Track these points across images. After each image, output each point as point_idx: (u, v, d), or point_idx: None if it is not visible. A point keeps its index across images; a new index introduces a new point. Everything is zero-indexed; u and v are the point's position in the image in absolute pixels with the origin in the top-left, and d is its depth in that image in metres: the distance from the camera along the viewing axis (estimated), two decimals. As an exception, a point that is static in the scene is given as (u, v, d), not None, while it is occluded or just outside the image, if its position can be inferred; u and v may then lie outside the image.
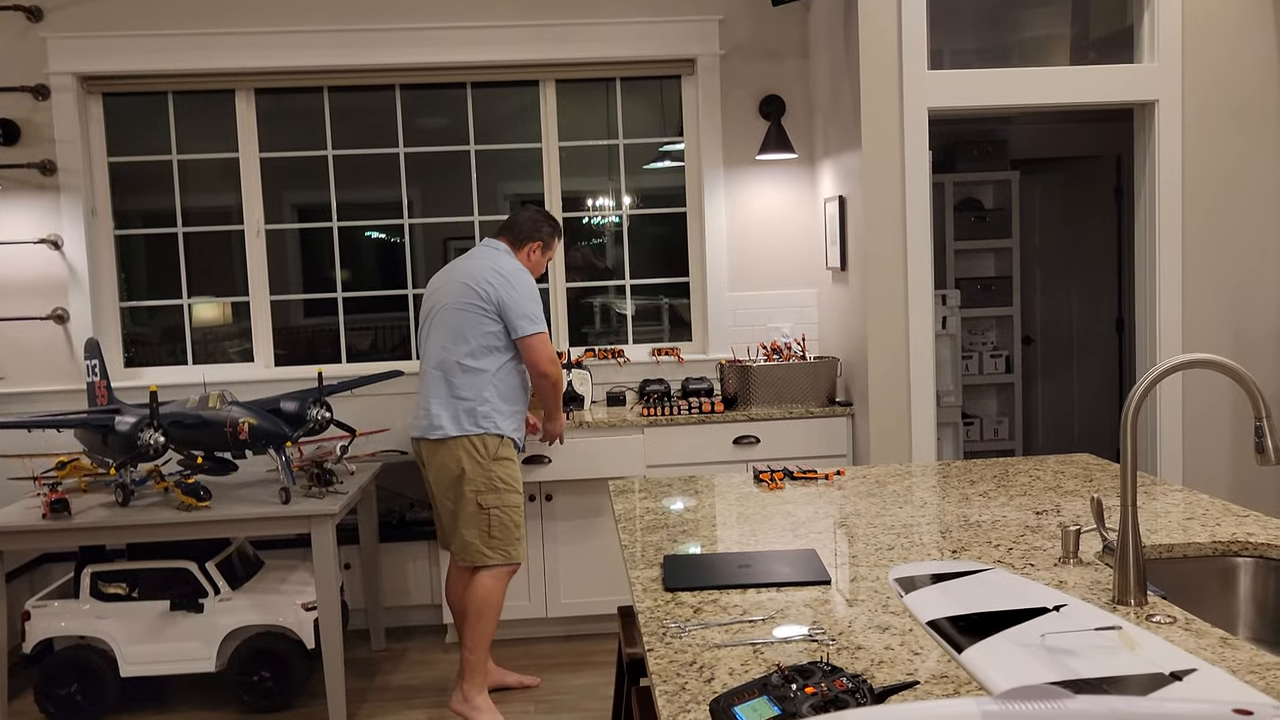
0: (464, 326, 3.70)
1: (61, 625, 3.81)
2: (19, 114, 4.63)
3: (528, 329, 3.68)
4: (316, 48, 4.69)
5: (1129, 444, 1.75)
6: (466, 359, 3.69)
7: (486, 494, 3.70)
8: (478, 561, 3.71)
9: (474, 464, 3.68)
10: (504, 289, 3.69)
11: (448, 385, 3.71)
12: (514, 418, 3.79)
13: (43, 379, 4.69)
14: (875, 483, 2.87)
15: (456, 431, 3.68)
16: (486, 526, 3.70)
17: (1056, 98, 4.23)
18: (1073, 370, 6.64)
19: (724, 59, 4.85)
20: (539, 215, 3.95)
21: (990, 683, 1.34)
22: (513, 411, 3.78)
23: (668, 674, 1.61)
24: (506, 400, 3.75)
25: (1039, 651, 1.36)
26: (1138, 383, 1.75)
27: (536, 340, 3.70)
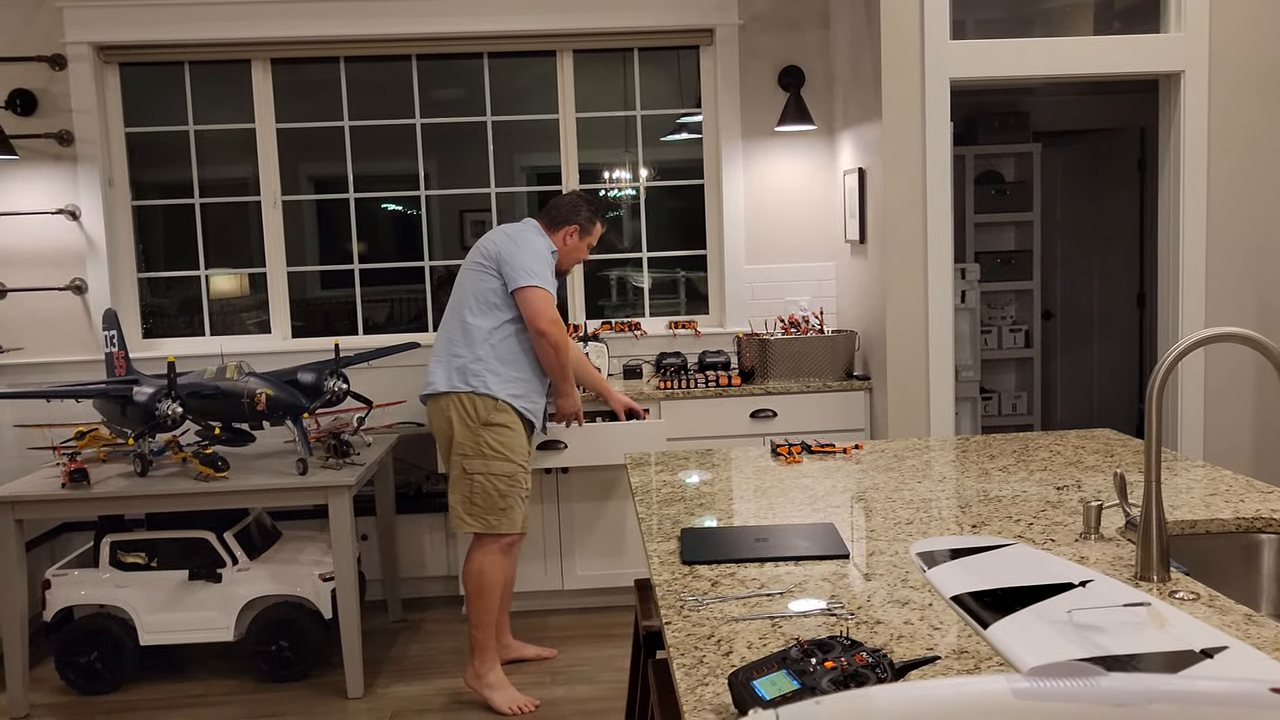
0: (467, 285, 3.66)
1: (81, 594, 3.84)
2: (36, 84, 4.62)
3: (523, 280, 3.53)
4: (333, 17, 4.66)
5: (1154, 418, 1.72)
6: (465, 315, 3.63)
7: (472, 459, 3.59)
8: (456, 528, 3.68)
9: (462, 426, 3.59)
10: (505, 245, 3.60)
11: (447, 343, 3.67)
12: (513, 383, 3.62)
13: (61, 349, 4.71)
14: (894, 457, 2.85)
15: (446, 387, 3.61)
16: (469, 493, 3.61)
17: (1080, 68, 4.17)
18: (1093, 345, 6.59)
19: (743, 29, 4.80)
20: (579, 198, 3.81)
21: (1017, 659, 1.32)
22: (513, 377, 3.62)
23: (685, 647, 1.60)
24: (505, 363, 3.61)
25: (1066, 628, 1.34)
26: (1164, 356, 1.72)
27: (532, 294, 3.53)
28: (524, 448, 3.68)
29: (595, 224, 3.82)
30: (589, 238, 3.81)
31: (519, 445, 3.65)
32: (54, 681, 3.91)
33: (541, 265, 3.59)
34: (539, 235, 3.70)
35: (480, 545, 3.69)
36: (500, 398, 3.59)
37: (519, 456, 3.65)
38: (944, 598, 1.71)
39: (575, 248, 3.79)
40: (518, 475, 3.64)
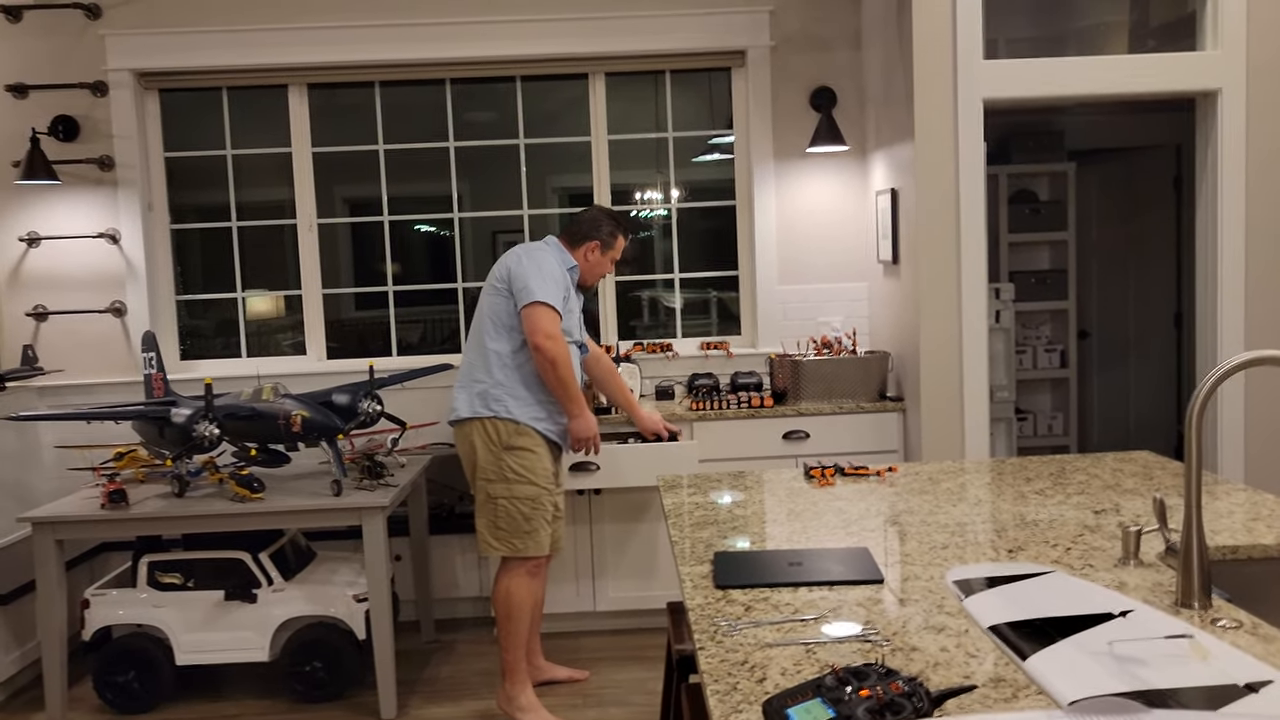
0: (485, 308, 3.67)
1: (119, 614, 3.88)
2: (78, 110, 4.71)
3: (525, 298, 3.51)
4: (368, 42, 4.71)
5: (1194, 441, 1.70)
6: (485, 340, 3.64)
7: (495, 483, 3.60)
8: (483, 552, 3.68)
9: (485, 450, 3.61)
10: (515, 264, 3.60)
11: (469, 368, 3.67)
12: (534, 406, 3.62)
13: (101, 371, 4.77)
14: (928, 480, 2.83)
15: (468, 413, 3.62)
16: (494, 517, 3.63)
17: (1115, 87, 4.14)
18: (1129, 366, 6.52)
19: (774, 50, 4.81)
20: (600, 214, 3.83)
21: (1056, 693, 1.30)
22: (534, 400, 3.61)
23: (719, 673, 1.60)
24: (526, 386, 3.61)
25: (1107, 660, 1.32)
26: (1204, 380, 1.70)
27: (532, 310, 3.50)
28: (548, 470, 3.67)
29: (617, 238, 3.82)
30: (611, 252, 3.81)
31: (542, 468, 3.64)
32: (92, 700, 3.95)
33: (549, 282, 3.55)
34: (556, 252, 3.71)
35: (507, 568, 3.69)
36: (521, 421, 3.60)
37: (542, 479, 3.64)
38: (981, 627, 1.69)
39: (598, 263, 3.79)
40: (541, 498, 3.64)
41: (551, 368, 3.51)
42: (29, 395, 4.68)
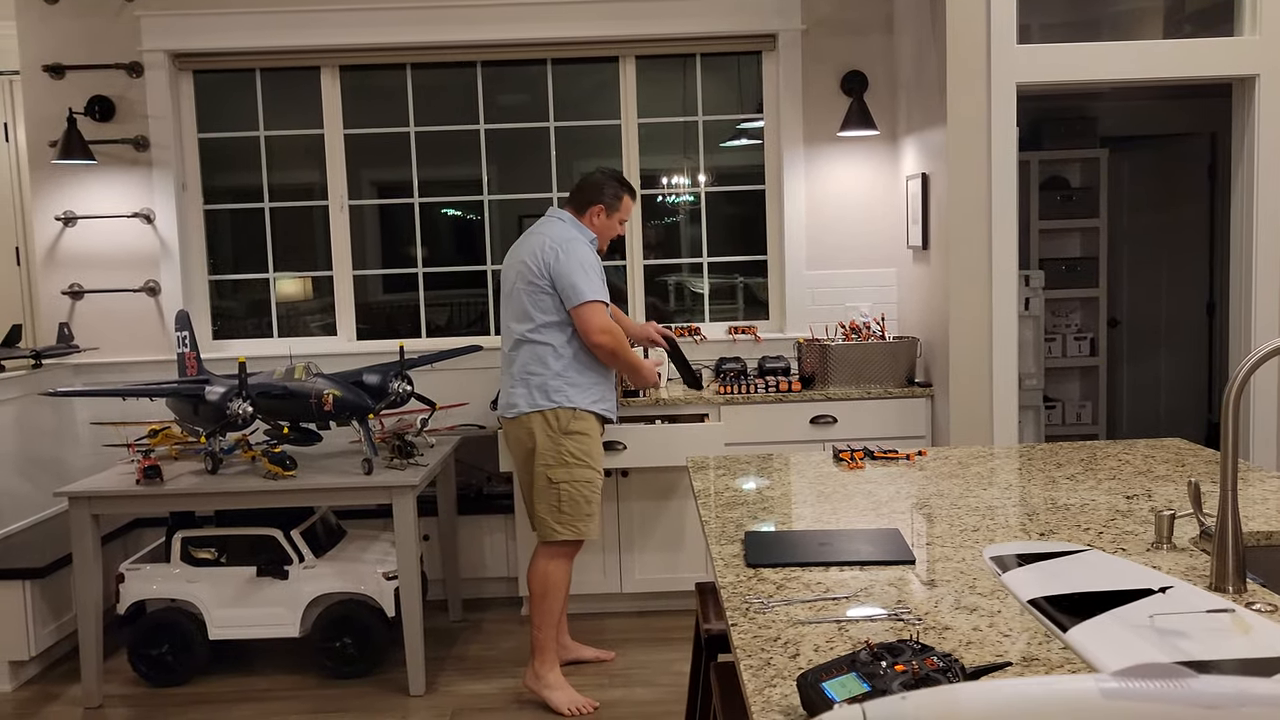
0: (526, 303, 3.66)
1: (153, 588, 3.94)
2: (114, 91, 4.76)
3: (574, 299, 3.58)
4: (400, 24, 4.73)
5: (1230, 425, 1.70)
6: (532, 335, 3.66)
7: (556, 468, 3.66)
8: (548, 537, 3.71)
9: (545, 437, 3.66)
10: (554, 261, 3.61)
11: (520, 363, 3.69)
12: (591, 389, 3.70)
13: (135, 349, 4.83)
14: (958, 464, 2.83)
15: (529, 408, 3.66)
16: (557, 501, 3.68)
17: (1151, 72, 4.11)
18: (1159, 354, 6.47)
19: (805, 34, 4.79)
20: (603, 177, 3.81)
21: (1099, 663, 1.31)
22: (589, 384, 3.70)
23: (752, 649, 1.61)
24: (581, 372, 3.68)
25: (1148, 632, 1.33)
26: (1241, 364, 1.70)
27: (585, 310, 3.58)
28: (601, 454, 3.78)
29: (622, 199, 3.80)
30: (618, 214, 3.80)
31: (597, 451, 3.75)
32: (126, 673, 4.01)
33: (592, 275, 3.62)
34: (578, 233, 3.70)
35: (548, 550, 3.74)
36: (580, 407, 3.67)
37: (598, 462, 3.74)
38: (1020, 601, 1.69)
39: (605, 226, 3.79)
40: (596, 481, 3.73)
41: (613, 357, 3.67)
42: (65, 372, 4.74)
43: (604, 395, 3.76)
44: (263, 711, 3.75)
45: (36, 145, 4.78)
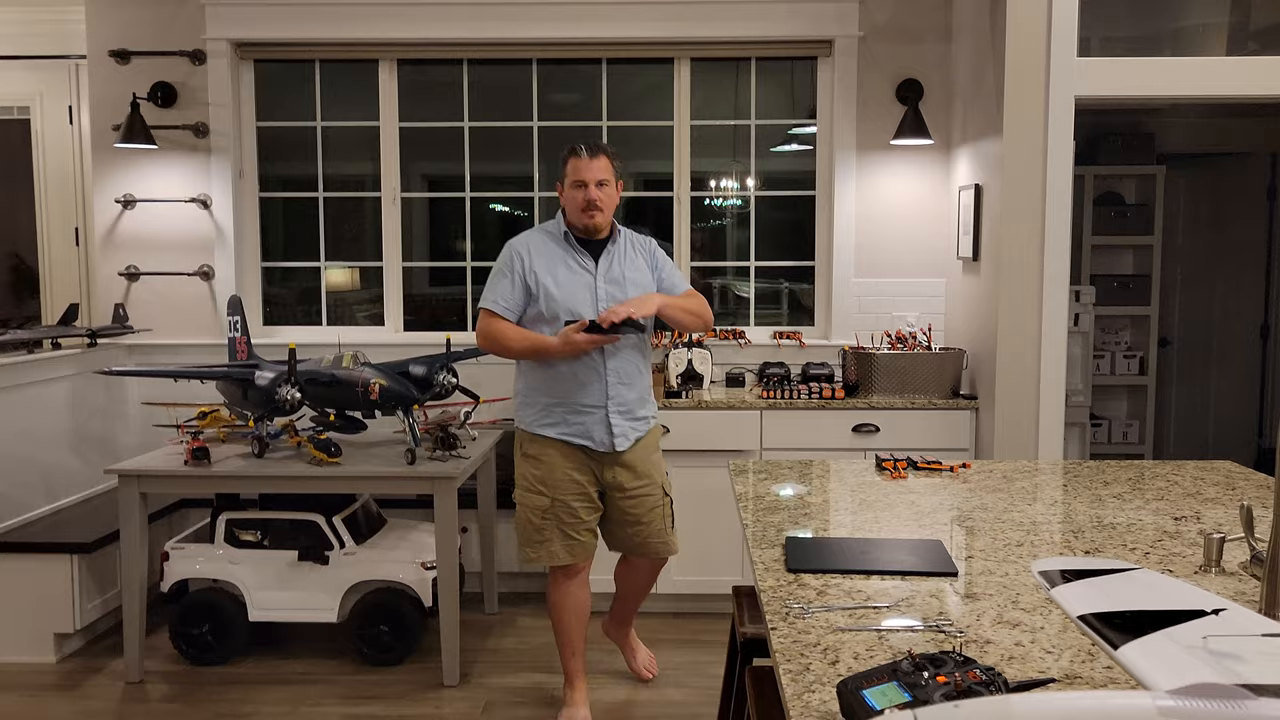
0: None
1: (196, 568, 4.00)
2: (176, 78, 4.84)
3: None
4: (459, 20, 4.77)
5: (1286, 451, 1.67)
6: None
7: (518, 489, 3.47)
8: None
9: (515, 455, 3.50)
10: None
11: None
12: (545, 412, 3.38)
13: (187, 332, 4.91)
14: (1002, 478, 2.81)
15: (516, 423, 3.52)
16: (516, 522, 3.51)
17: (1213, 90, 4.05)
18: (1210, 375, 6.37)
19: (862, 40, 4.77)
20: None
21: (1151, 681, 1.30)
22: (544, 405, 3.37)
23: (791, 653, 1.61)
24: (531, 390, 3.41)
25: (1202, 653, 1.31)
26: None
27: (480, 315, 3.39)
28: (564, 481, 3.39)
29: (567, 162, 3.37)
30: (568, 180, 3.36)
31: (555, 479, 3.38)
32: (167, 650, 4.08)
33: (497, 279, 3.36)
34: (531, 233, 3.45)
35: (550, 574, 3.58)
36: (530, 429, 3.41)
37: (556, 490, 3.39)
38: (1069, 615, 1.68)
39: (568, 201, 3.38)
40: (555, 509, 3.39)
41: (503, 350, 3.36)
42: (118, 352, 4.83)
43: (562, 417, 3.36)
44: (298, 695, 3.79)
45: (100, 129, 4.87)
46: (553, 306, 3.31)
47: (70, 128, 5.61)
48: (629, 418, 3.40)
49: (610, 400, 3.34)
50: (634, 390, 3.41)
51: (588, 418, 3.35)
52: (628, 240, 3.46)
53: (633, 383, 3.40)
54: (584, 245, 3.38)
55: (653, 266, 3.45)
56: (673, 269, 3.52)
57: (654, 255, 3.48)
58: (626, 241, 3.45)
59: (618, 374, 3.35)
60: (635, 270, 3.40)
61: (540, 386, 3.37)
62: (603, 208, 3.32)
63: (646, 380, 3.48)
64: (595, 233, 3.37)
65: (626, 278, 3.38)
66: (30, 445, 4.31)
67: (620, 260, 3.39)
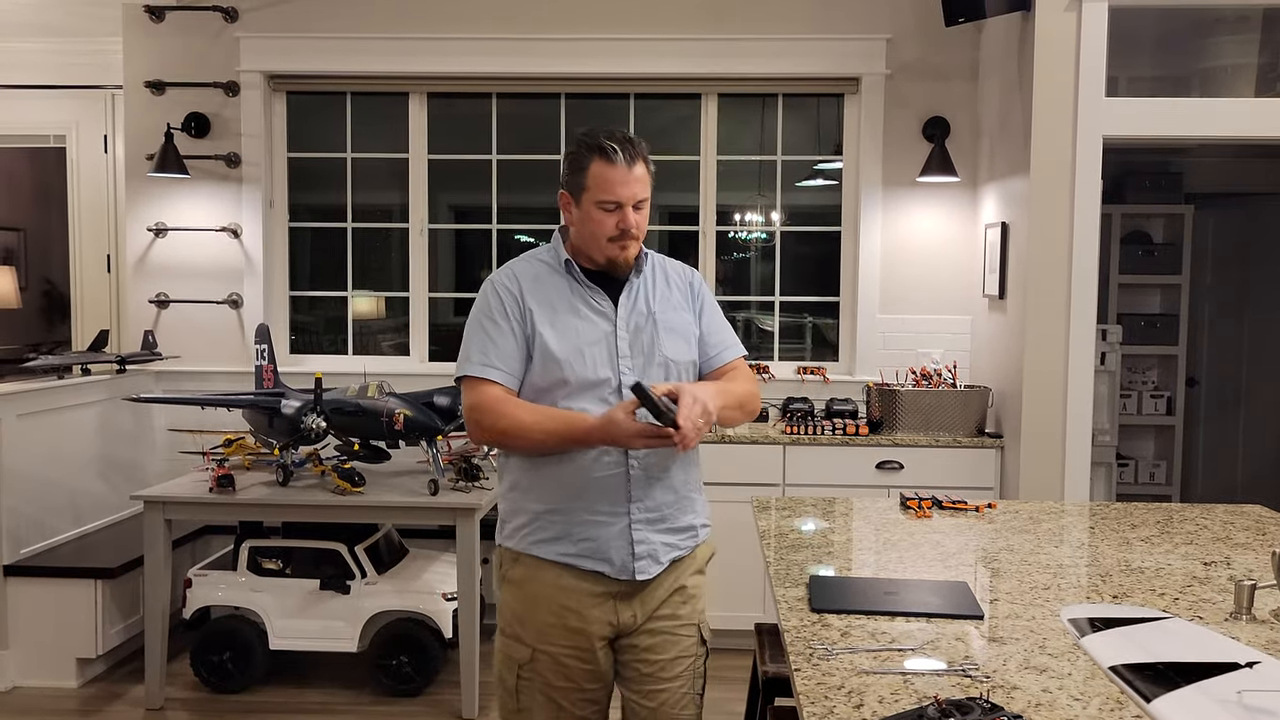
0: None
1: (219, 595, 4.01)
2: (210, 108, 4.91)
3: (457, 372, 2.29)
4: (489, 55, 4.82)
5: (1319, 499, 1.65)
6: None
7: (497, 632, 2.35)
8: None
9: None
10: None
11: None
12: (534, 521, 2.24)
13: (214, 359, 4.95)
14: (1029, 519, 2.79)
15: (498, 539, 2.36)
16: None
17: (1242, 130, 4.03)
18: (1239, 417, 6.30)
19: (889, 78, 4.79)
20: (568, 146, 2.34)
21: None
22: (535, 511, 2.24)
23: (815, 695, 1.60)
24: (517, 488, 2.29)
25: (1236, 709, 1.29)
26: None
27: (462, 387, 2.27)
28: (555, 628, 2.23)
29: (586, 168, 2.24)
30: (588, 193, 2.24)
31: (542, 621, 2.23)
32: (188, 677, 4.08)
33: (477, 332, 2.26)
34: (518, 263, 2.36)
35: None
36: (512, 546, 2.29)
37: (543, 638, 2.24)
38: (1101, 667, 1.66)
39: (581, 223, 2.28)
40: (538, 667, 2.24)
41: (512, 438, 2.20)
42: (146, 379, 4.87)
43: (564, 530, 2.22)
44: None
45: (134, 158, 4.94)
46: (551, 370, 2.21)
47: (105, 156, 5.70)
48: (663, 529, 2.26)
49: (634, 504, 2.22)
50: (670, 488, 2.27)
51: (601, 529, 2.21)
52: (659, 269, 2.39)
53: (668, 477, 2.26)
54: (594, 279, 2.30)
55: (695, 310, 2.38)
56: (723, 321, 2.43)
57: (699, 295, 2.41)
58: (658, 271, 2.38)
59: (645, 465, 2.22)
60: (671, 310, 2.33)
61: (530, 485, 2.26)
62: (638, 237, 2.29)
63: (693, 474, 2.33)
64: (620, 269, 2.30)
65: (660, 323, 2.29)
66: (58, 470, 4.34)
67: (649, 297, 2.32)
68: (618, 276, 2.31)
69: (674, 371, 2.28)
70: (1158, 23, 4.45)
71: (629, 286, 2.31)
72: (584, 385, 2.20)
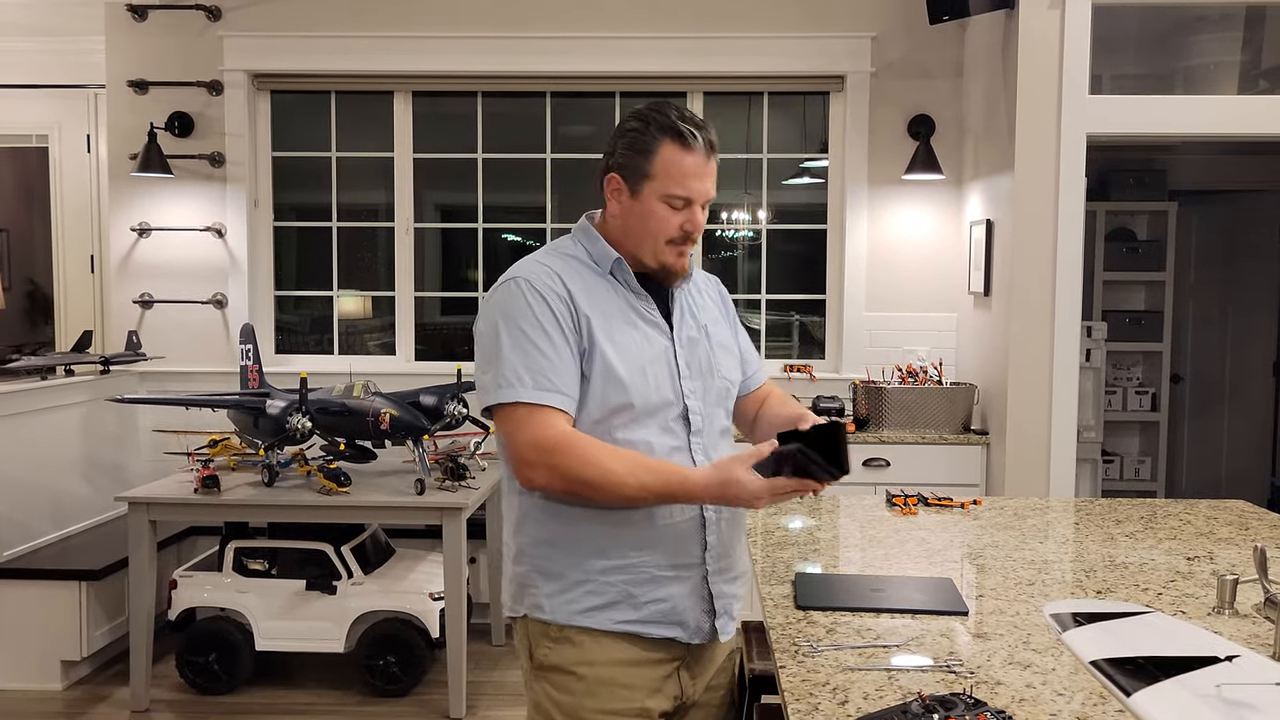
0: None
1: (205, 596, 3.99)
2: (194, 108, 4.89)
3: (482, 398, 1.88)
4: (474, 53, 4.81)
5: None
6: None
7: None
8: None
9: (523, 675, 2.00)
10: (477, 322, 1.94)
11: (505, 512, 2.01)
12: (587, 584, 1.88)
13: (199, 360, 4.93)
14: (1014, 515, 2.80)
15: (508, 606, 2.00)
16: None
17: (1225, 128, 4.06)
18: (1223, 413, 6.34)
19: (874, 76, 4.80)
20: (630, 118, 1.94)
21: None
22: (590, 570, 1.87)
23: (800, 692, 1.60)
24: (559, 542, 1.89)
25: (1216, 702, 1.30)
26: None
27: (500, 417, 1.84)
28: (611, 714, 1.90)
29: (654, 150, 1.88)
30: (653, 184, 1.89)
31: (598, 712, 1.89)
32: (173, 679, 4.06)
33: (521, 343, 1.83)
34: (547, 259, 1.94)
35: None
36: (560, 620, 1.89)
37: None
38: (1081, 661, 1.66)
39: (626, 213, 1.93)
40: None
41: (586, 497, 1.81)
42: (131, 379, 4.85)
43: (626, 593, 1.88)
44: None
45: (117, 157, 4.92)
46: (613, 394, 1.86)
47: (88, 156, 5.67)
48: (731, 578, 2.00)
49: (708, 552, 1.94)
50: (739, 531, 2.03)
51: (674, 586, 1.91)
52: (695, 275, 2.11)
53: (738, 518, 2.01)
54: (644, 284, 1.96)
55: (730, 322, 2.13)
56: (747, 336, 2.21)
57: (728, 305, 2.16)
58: (697, 277, 2.12)
59: (719, 506, 1.91)
60: (715, 323, 2.06)
61: (574, 540, 1.88)
62: (696, 241, 1.98)
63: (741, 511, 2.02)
64: (674, 278, 1.98)
65: (713, 338, 2.02)
66: (41, 471, 4.32)
67: (695, 309, 2.03)
68: (665, 285, 1.98)
69: (731, 395, 2.03)
70: (1141, 21, 4.47)
71: (677, 295, 2.00)
72: (647, 410, 1.87)
